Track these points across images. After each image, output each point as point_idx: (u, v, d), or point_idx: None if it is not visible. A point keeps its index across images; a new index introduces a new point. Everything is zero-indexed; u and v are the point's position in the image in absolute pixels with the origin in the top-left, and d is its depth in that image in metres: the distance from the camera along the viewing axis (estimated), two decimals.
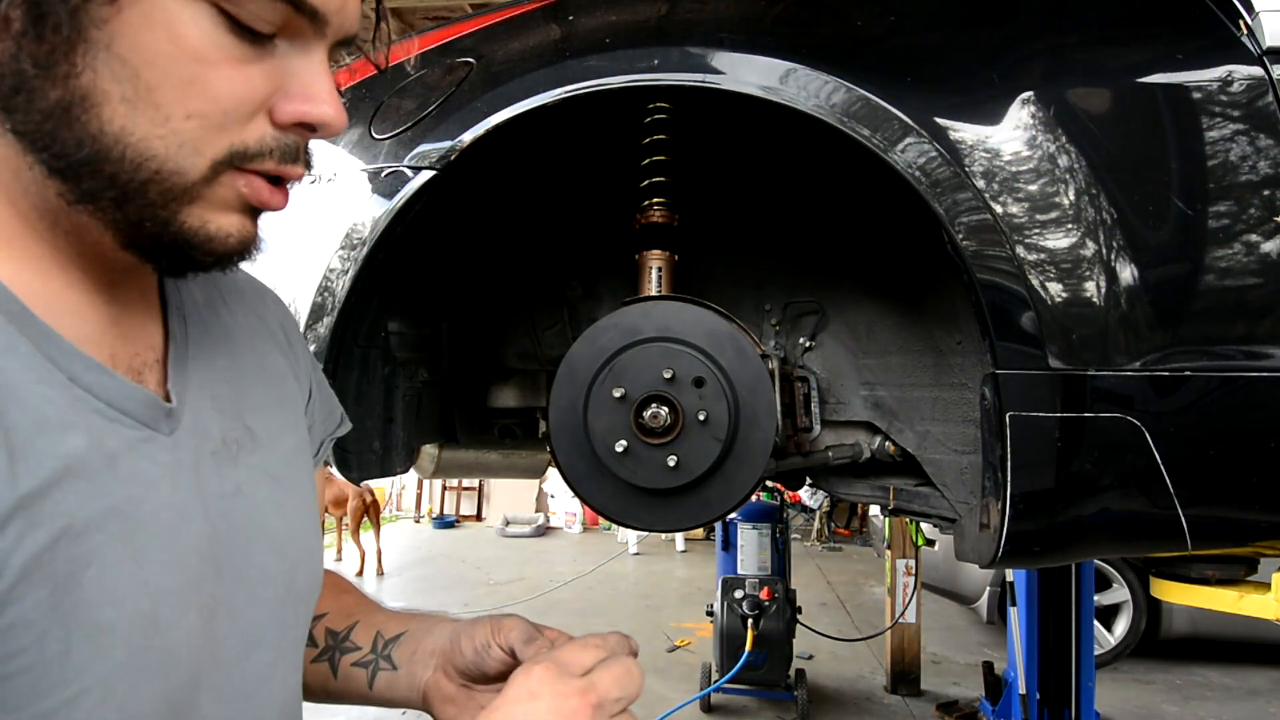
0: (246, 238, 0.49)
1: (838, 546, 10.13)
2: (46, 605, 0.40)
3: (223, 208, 0.47)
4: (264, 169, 0.48)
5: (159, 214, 0.45)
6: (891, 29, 1.23)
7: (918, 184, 1.13)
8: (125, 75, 0.42)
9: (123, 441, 0.46)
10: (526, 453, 2.14)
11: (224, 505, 0.53)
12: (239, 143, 0.46)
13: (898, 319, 1.58)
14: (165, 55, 0.42)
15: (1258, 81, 1.15)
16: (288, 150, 0.48)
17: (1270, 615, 2.00)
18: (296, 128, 0.48)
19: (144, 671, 0.44)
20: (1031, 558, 1.20)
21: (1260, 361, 1.13)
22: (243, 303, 0.65)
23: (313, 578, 0.63)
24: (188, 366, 0.55)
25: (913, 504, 1.55)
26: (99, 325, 0.49)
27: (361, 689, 0.72)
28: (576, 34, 1.25)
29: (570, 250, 1.71)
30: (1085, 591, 3.47)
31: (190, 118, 0.44)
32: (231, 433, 0.56)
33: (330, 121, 0.49)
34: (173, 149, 0.44)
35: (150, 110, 0.43)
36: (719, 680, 4.10)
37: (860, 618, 6.46)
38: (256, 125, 0.47)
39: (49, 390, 0.43)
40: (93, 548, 0.42)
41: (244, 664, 0.54)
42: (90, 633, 0.41)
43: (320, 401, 0.72)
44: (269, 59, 0.46)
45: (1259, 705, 4.59)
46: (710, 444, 1.28)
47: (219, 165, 0.46)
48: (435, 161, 1.19)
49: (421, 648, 0.71)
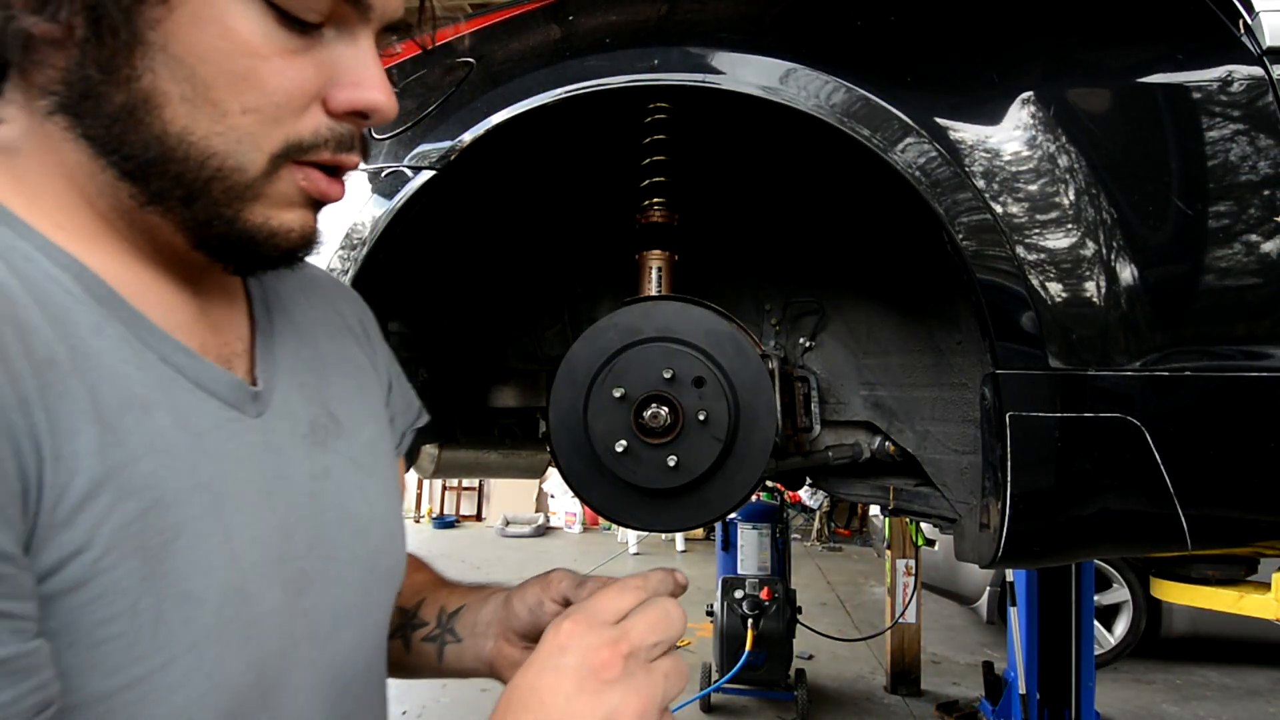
0: (308, 232, 0.51)
1: (838, 546, 10.13)
2: (139, 574, 0.41)
3: (283, 203, 0.49)
4: (320, 160, 0.49)
5: (224, 212, 0.47)
6: (891, 29, 1.23)
7: (918, 184, 1.13)
8: (182, 74, 0.43)
9: (210, 420, 0.48)
10: (526, 453, 2.14)
11: (313, 486, 0.55)
12: (294, 135, 0.47)
13: (898, 319, 1.58)
14: (218, 51, 0.43)
15: (1258, 81, 1.15)
16: (343, 139, 0.49)
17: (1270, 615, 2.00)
18: (349, 116, 0.49)
19: (232, 640, 0.45)
20: (1031, 558, 1.20)
21: (1260, 361, 1.13)
22: (322, 298, 0.68)
23: (395, 560, 0.64)
24: (275, 355, 0.57)
25: (913, 504, 1.55)
26: (189, 316, 0.51)
27: (432, 662, 0.74)
28: (576, 34, 1.25)
29: (570, 250, 1.71)
30: (1085, 591, 3.47)
31: (246, 112, 0.45)
32: (318, 418, 0.58)
33: (381, 106, 0.49)
34: (232, 145, 0.45)
35: (208, 108, 0.44)
36: (719, 680, 4.10)
37: (860, 618, 6.46)
38: (311, 116, 0.47)
39: (138, 370, 0.45)
40: (182, 519, 0.44)
41: (333, 640, 0.55)
42: (180, 601, 0.43)
43: (400, 394, 0.74)
44: (318, 49, 0.47)
45: (1259, 705, 4.59)
46: (710, 444, 1.27)
47: (277, 159, 0.47)
48: (435, 161, 1.19)
49: (480, 619, 0.73)
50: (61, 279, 0.44)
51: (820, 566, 8.71)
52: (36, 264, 0.43)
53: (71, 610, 0.39)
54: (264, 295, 0.60)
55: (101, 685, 0.40)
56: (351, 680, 0.57)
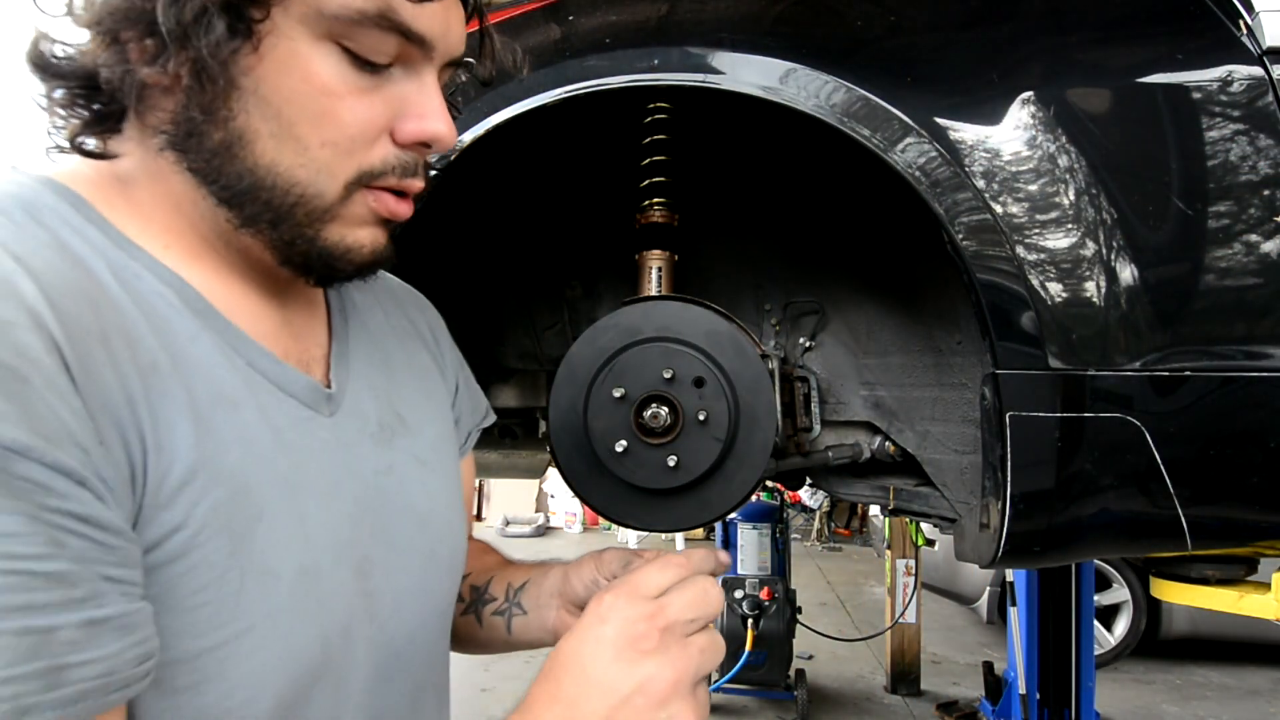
0: (379, 248, 0.57)
1: (838, 546, 10.13)
2: (226, 550, 0.47)
3: (357, 223, 0.55)
4: (388, 185, 0.54)
5: (305, 233, 0.53)
6: (891, 29, 1.23)
7: (918, 184, 1.13)
8: (270, 114, 0.49)
9: (289, 419, 0.54)
10: (526, 453, 2.14)
11: (378, 480, 0.60)
12: (366, 164, 0.53)
13: (898, 319, 1.58)
14: (301, 93, 0.50)
15: (1258, 81, 1.15)
16: (408, 167, 0.55)
17: (1270, 615, 2.00)
18: (414, 146, 0.55)
19: (303, 614, 0.51)
20: (1031, 558, 1.20)
21: (1260, 361, 1.13)
22: (395, 306, 0.75)
23: (453, 550, 0.69)
24: (349, 360, 0.63)
25: (913, 504, 1.55)
26: (274, 325, 0.57)
27: (502, 635, 0.80)
28: (576, 34, 1.25)
29: (570, 250, 1.71)
30: (1085, 591, 3.47)
31: (324, 145, 0.51)
32: (386, 418, 0.64)
33: (442, 137, 0.55)
34: (312, 175, 0.51)
35: (292, 142, 0.50)
36: (719, 680, 4.10)
37: (860, 618, 6.46)
38: (380, 147, 0.53)
39: (227, 372, 0.51)
40: (263, 504, 0.49)
41: (394, 621, 0.60)
42: (259, 576, 0.48)
43: (467, 396, 0.80)
44: (387, 87, 0.53)
45: (1259, 705, 4.59)
46: (710, 444, 1.27)
47: (351, 185, 0.53)
48: (435, 161, 1.19)
49: (542, 591, 0.79)
50: (165, 294, 0.50)
51: (820, 566, 8.71)
52: (144, 281, 0.50)
53: (170, 579, 0.45)
54: (342, 305, 0.67)
55: (193, 645, 0.45)
56: (410, 659, 0.62)
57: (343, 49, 0.50)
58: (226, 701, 0.47)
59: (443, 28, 0.54)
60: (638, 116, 1.42)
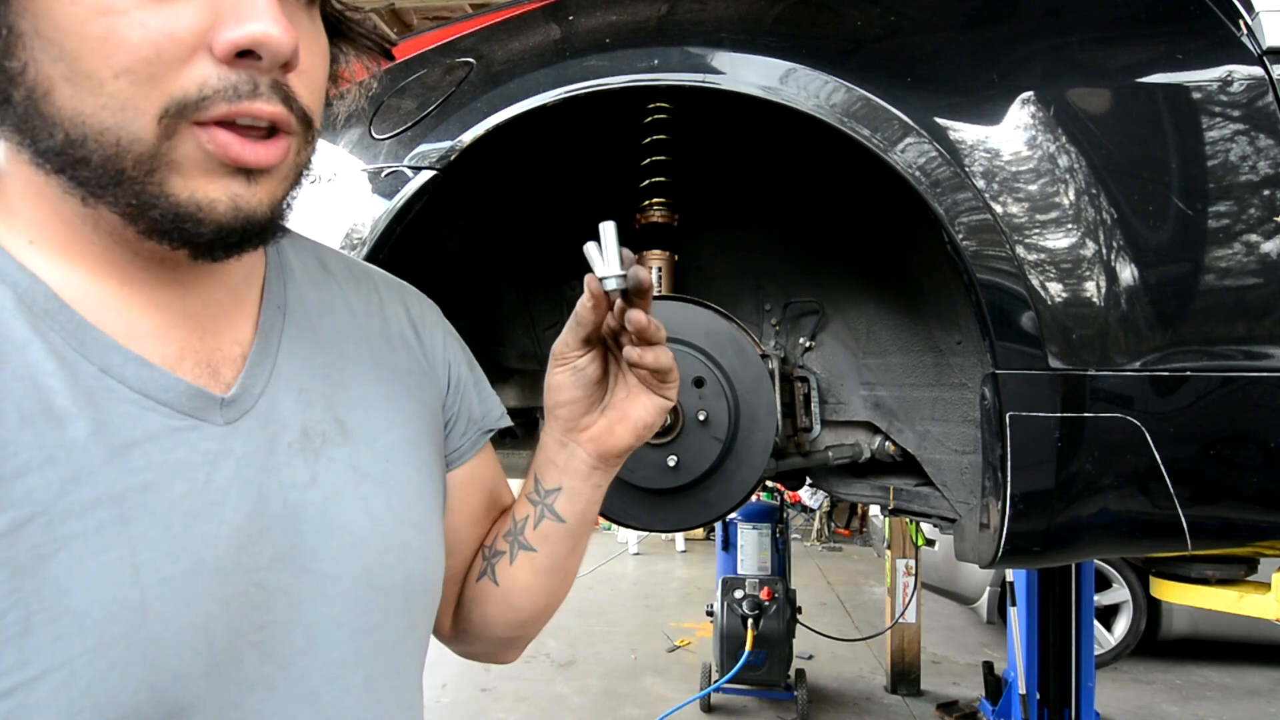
0: (240, 203, 0.47)
1: (838, 546, 10.12)
2: (6, 587, 0.40)
3: (201, 173, 0.46)
4: (219, 115, 0.45)
5: (148, 190, 0.45)
6: (891, 29, 1.23)
7: (918, 184, 1.13)
8: (56, 53, 0.43)
9: (144, 431, 0.47)
10: (526, 453, 2.13)
11: (294, 495, 0.53)
12: (178, 90, 0.44)
13: (898, 319, 1.58)
14: (75, 19, 0.42)
15: (1258, 81, 1.15)
16: (238, 88, 0.45)
17: (1270, 615, 2.00)
18: (241, 60, 0.45)
19: (121, 658, 0.43)
20: (1031, 558, 1.20)
21: (1260, 361, 1.13)
22: (371, 302, 0.67)
23: (405, 576, 0.59)
24: (274, 362, 0.55)
25: (913, 504, 1.55)
26: (165, 321, 0.50)
27: (558, 531, 0.71)
28: (576, 34, 1.25)
29: (570, 250, 1.71)
30: (1085, 591, 3.47)
31: (118, 76, 0.43)
32: (316, 425, 0.56)
33: (266, 38, 0.44)
34: (117, 114, 0.43)
35: (86, 80, 0.43)
36: (719, 680, 4.10)
37: (860, 618, 6.46)
38: (195, 69, 0.44)
39: (61, 382, 0.44)
40: (67, 535, 0.43)
41: (307, 658, 0.52)
42: (52, 617, 0.41)
43: (470, 395, 0.73)
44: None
45: (1259, 705, 4.59)
46: (710, 444, 1.27)
47: (166, 121, 0.44)
48: (435, 161, 1.19)
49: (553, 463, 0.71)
50: (3, 296, 0.45)
51: (820, 566, 8.71)
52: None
53: None
54: (284, 300, 0.59)
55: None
56: (334, 703, 0.53)
57: None
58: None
59: None
60: (638, 116, 1.42)
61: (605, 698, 4.65)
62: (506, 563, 0.73)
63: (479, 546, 0.76)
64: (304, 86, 0.49)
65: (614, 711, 4.44)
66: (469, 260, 1.66)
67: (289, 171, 0.50)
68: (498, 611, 0.74)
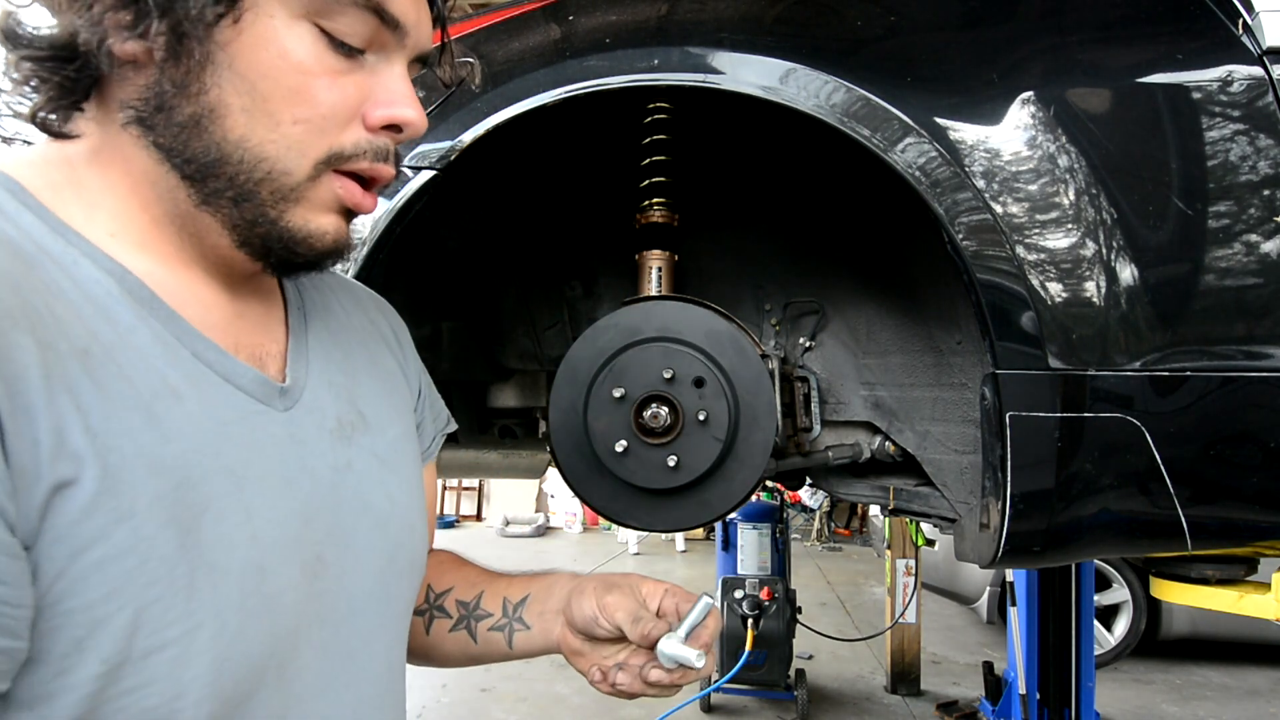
0: (340, 237, 0.56)
1: (838, 546, 10.13)
2: (175, 543, 0.46)
3: (321, 209, 0.54)
4: (358, 169, 0.55)
5: (269, 213, 0.53)
6: (891, 29, 1.23)
7: (918, 184, 1.13)
8: (244, 89, 0.50)
9: (236, 412, 0.53)
10: (526, 453, 2.14)
11: (335, 477, 0.59)
12: (337, 145, 0.53)
13: (898, 319, 1.58)
14: (276, 69, 0.50)
15: (1258, 81, 1.15)
16: (379, 151, 0.55)
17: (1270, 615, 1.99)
18: (385, 130, 0.55)
19: (253, 612, 0.49)
20: (1031, 558, 1.20)
21: (1260, 361, 1.13)
22: (358, 306, 0.74)
23: (413, 555, 0.67)
24: (307, 356, 0.62)
25: (913, 504, 1.55)
26: (225, 317, 0.56)
27: (502, 649, 0.79)
28: (576, 34, 1.25)
29: (570, 250, 1.71)
30: (1085, 591, 3.47)
31: (297, 123, 0.51)
32: (346, 415, 0.63)
33: (413, 121, 0.56)
34: (282, 151, 0.51)
35: (264, 118, 0.51)
36: (719, 680, 4.10)
37: (860, 618, 6.46)
38: (352, 130, 0.54)
39: (170, 363, 0.50)
40: (209, 495, 0.48)
41: (348, 624, 0.59)
42: (208, 571, 0.47)
43: (429, 402, 0.80)
44: (360, 71, 0.54)
45: (1259, 705, 4.59)
46: (710, 444, 1.27)
47: (319, 166, 0.53)
48: (435, 161, 1.19)
49: (547, 608, 0.78)
50: (105, 281, 0.50)
51: (820, 566, 8.71)
52: (82, 268, 0.49)
53: (123, 575, 0.43)
54: (301, 303, 0.66)
55: (145, 643, 0.44)
56: (365, 664, 0.60)
57: (319, 29, 0.51)
58: (175, 703, 0.45)
59: (415, 17, 0.55)
60: (638, 116, 1.42)
61: (605, 698, 4.63)
62: (445, 627, 0.80)
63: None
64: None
65: (614, 711, 4.44)
66: (469, 260, 1.66)
67: None
68: (414, 644, 0.79)
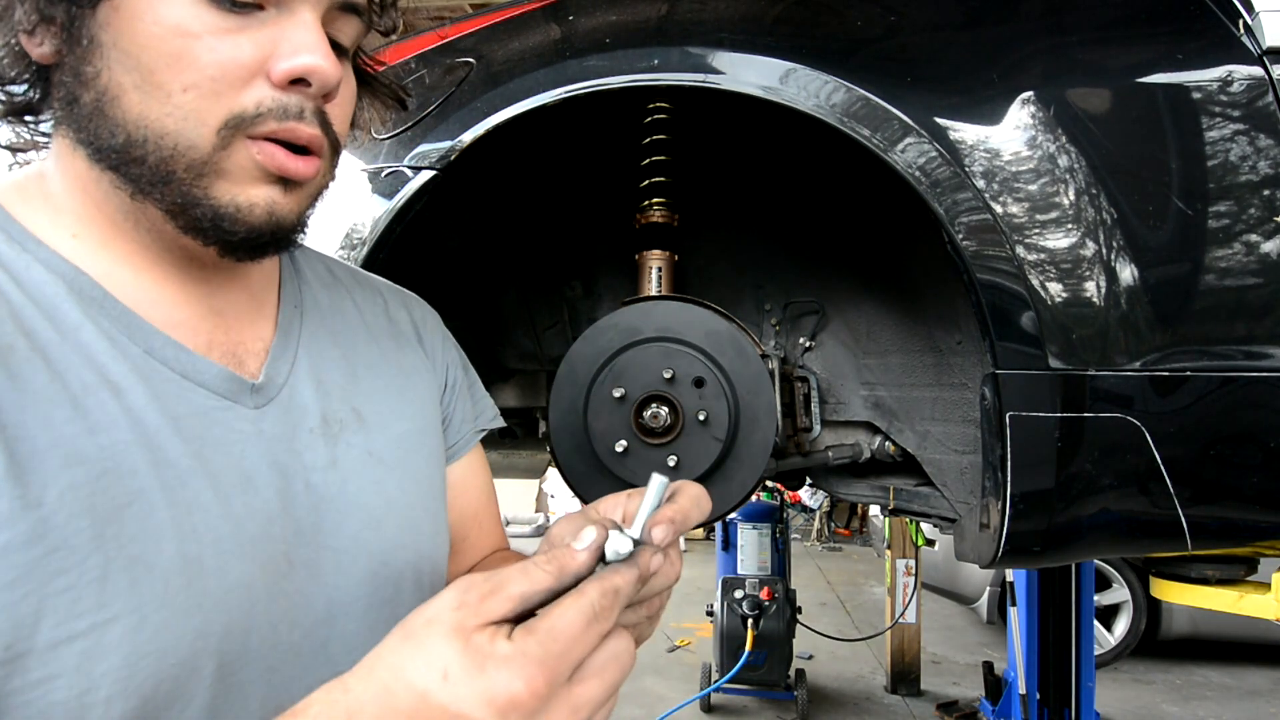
0: (276, 209, 0.53)
1: (838, 546, 10.12)
2: (89, 534, 0.45)
3: (246, 180, 0.52)
4: (268, 131, 0.51)
5: (193, 192, 0.51)
6: (891, 29, 1.23)
7: (918, 184, 1.13)
8: (131, 65, 0.49)
9: (191, 407, 0.53)
10: (526, 453, 2.14)
11: (315, 477, 0.58)
12: (237, 107, 0.50)
13: (898, 319, 1.58)
14: (155, 38, 0.49)
15: (1258, 81, 1.15)
16: (288, 108, 0.52)
17: (1270, 615, 1.99)
18: (292, 86, 0.52)
19: (181, 609, 0.48)
20: (1031, 558, 1.20)
21: (1260, 361, 1.13)
22: (376, 304, 0.73)
23: (418, 555, 0.64)
24: (295, 354, 0.62)
25: (913, 504, 1.55)
26: (196, 314, 0.56)
27: None
28: (576, 34, 1.25)
29: (570, 250, 1.71)
30: (1085, 591, 3.47)
31: (186, 90, 0.49)
32: (335, 413, 0.62)
33: (316, 68, 0.51)
34: (179, 123, 0.50)
35: (155, 90, 0.49)
36: (719, 680, 4.10)
37: (860, 618, 6.46)
38: (253, 90, 0.51)
39: (114, 359, 0.50)
40: (137, 489, 0.48)
41: (327, 628, 0.57)
42: (127, 564, 0.46)
43: (462, 394, 0.78)
44: (259, 27, 0.51)
45: (1259, 705, 4.59)
46: (710, 444, 1.27)
47: (224, 133, 0.50)
48: (435, 161, 1.19)
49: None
50: (53, 283, 0.50)
51: (820, 566, 8.71)
52: (34, 272, 0.50)
53: (27, 563, 0.43)
54: (299, 300, 0.65)
55: (52, 634, 0.43)
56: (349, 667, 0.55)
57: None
58: (85, 698, 0.43)
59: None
60: (638, 116, 1.42)
61: None
62: None
63: (479, 552, 0.78)
64: (337, 118, 0.56)
65: (614, 712, 4.44)
66: (469, 260, 1.66)
67: (314, 189, 0.57)
68: None
